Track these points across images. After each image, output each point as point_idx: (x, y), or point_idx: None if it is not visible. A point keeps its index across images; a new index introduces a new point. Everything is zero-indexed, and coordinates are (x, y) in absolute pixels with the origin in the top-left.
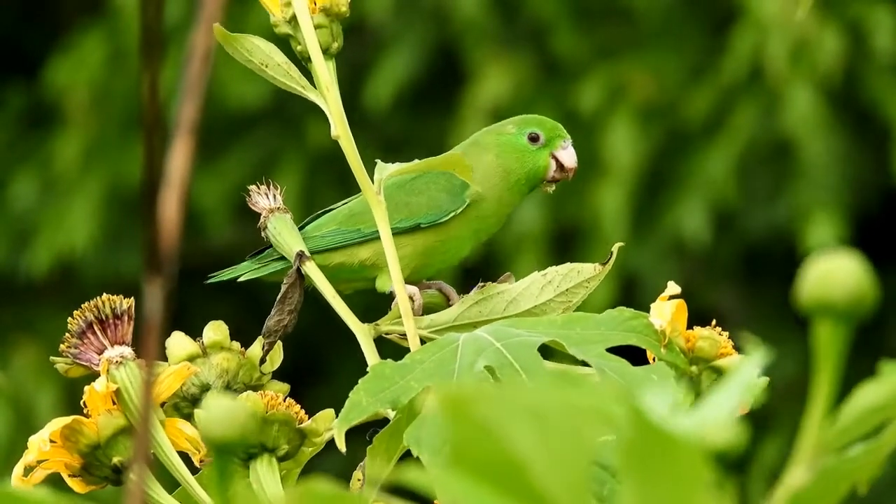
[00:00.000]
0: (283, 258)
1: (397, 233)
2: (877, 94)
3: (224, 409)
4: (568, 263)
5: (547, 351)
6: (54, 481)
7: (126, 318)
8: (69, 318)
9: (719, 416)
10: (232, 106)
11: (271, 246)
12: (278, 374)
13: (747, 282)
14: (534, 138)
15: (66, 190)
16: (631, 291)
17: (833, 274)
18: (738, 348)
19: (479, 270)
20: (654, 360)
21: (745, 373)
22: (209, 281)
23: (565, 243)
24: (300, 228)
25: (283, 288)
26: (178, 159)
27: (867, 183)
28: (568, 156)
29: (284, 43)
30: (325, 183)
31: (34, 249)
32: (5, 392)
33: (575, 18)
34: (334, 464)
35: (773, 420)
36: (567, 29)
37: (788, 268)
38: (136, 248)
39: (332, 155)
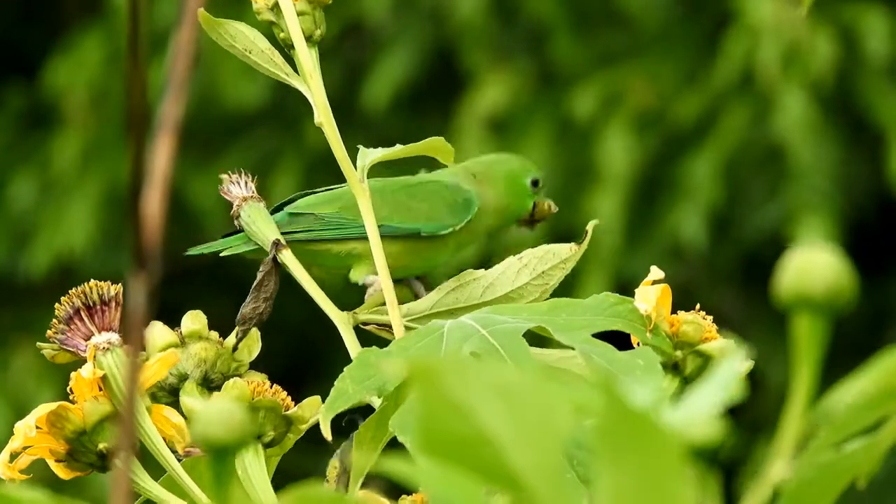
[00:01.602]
0: (257, 247)
1: (395, 233)
2: (870, 99)
3: (221, 410)
4: (543, 245)
5: (531, 336)
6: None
7: (114, 304)
8: (56, 304)
9: (701, 411)
10: (229, 107)
11: (241, 231)
12: (268, 371)
13: (745, 286)
14: (535, 183)
15: (65, 191)
16: (628, 296)
17: (811, 267)
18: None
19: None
20: (638, 344)
21: (726, 370)
22: (188, 253)
23: None
24: (290, 202)
25: (259, 276)
26: (162, 157)
27: (861, 188)
28: (548, 204)
29: (273, 33)
30: (324, 183)
31: (33, 250)
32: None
33: (574, 23)
34: (326, 462)
35: (766, 423)
36: (566, 34)
37: None
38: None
39: (331, 156)
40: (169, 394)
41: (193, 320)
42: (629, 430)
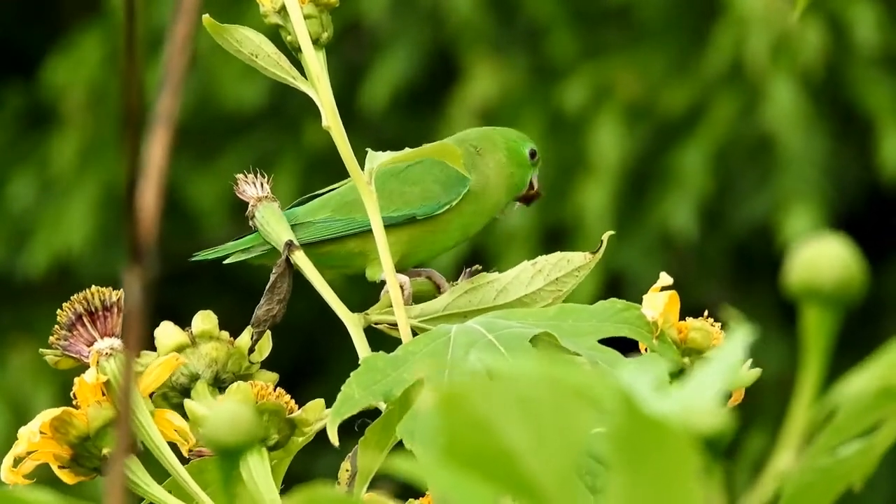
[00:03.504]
0: (271, 247)
1: (391, 223)
2: (859, 88)
3: (229, 413)
4: (558, 252)
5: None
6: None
7: (115, 310)
8: (58, 311)
9: (704, 399)
10: (228, 106)
11: (254, 232)
12: (275, 370)
13: (734, 277)
14: (532, 155)
15: (64, 190)
16: (617, 288)
17: (820, 258)
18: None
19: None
20: (646, 351)
21: (729, 354)
22: (194, 258)
23: (552, 241)
24: (288, 210)
25: (272, 278)
26: (156, 151)
27: (851, 178)
28: (536, 181)
29: (278, 36)
30: (322, 183)
31: (32, 249)
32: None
33: (572, 22)
34: (329, 461)
35: (759, 414)
36: (564, 32)
37: (774, 263)
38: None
39: (329, 155)
40: (180, 394)
41: (204, 320)
42: (645, 438)
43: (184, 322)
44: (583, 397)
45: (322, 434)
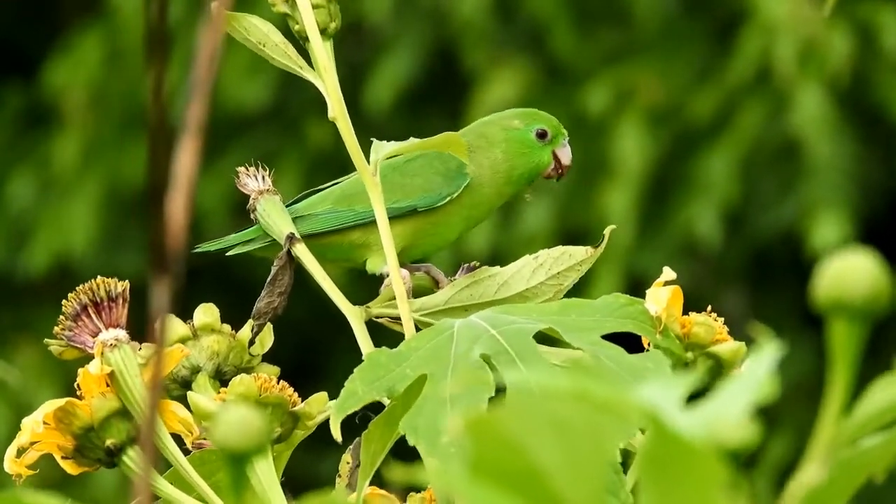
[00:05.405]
0: (273, 240)
1: (393, 215)
2: (886, 95)
3: (240, 418)
4: (559, 247)
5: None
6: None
7: (121, 301)
8: (63, 301)
9: (731, 413)
10: (231, 106)
11: (254, 225)
12: (275, 366)
13: (756, 283)
14: (541, 135)
15: (65, 190)
16: (638, 293)
17: (849, 273)
18: (747, 343)
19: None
20: (649, 346)
21: (758, 368)
22: (195, 250)
23: (573, 245)
24: (289, 206)
25: (273, 270)
26: (186, 159)
27: (876, 184)
28: (566, 154)
29: (286, 25)
30: (325, 182)
31: (32, 249)
32: (11, 385)
33: (574, 20)
34: (332, 460)
35: (779, 420)
36: (566, 31)
37: (797, 269)
38: (135, 248)
39: (332, 155)
40: (181, 386)
41: (206, 313)
42: (674, 456)
43: (184, 319)
44: (611, 414)
45: (324, 432)
